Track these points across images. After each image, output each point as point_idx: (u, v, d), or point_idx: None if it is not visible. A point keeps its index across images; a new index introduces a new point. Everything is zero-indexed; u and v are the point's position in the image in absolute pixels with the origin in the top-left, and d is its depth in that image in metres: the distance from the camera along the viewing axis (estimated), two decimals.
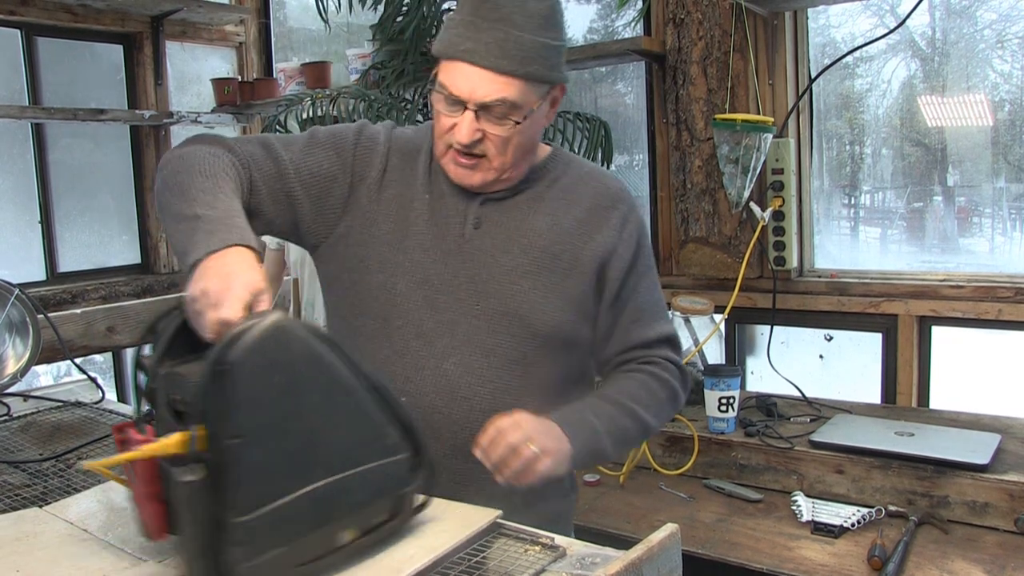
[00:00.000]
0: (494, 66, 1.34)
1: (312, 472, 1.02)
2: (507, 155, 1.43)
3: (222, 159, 1.38)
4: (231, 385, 0.96)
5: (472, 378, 1.46)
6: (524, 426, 1.34)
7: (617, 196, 1.56)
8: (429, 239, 1.48)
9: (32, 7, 3.57)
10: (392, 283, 1.48)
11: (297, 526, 1.00)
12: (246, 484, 0.96)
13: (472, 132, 1.38)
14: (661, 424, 1.58)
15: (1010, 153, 2.64)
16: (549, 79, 1.41)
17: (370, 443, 1.09)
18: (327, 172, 1.50)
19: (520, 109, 1.38)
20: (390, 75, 3.15)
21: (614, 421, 1.45)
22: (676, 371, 1.58)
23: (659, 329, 1.57)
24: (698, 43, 2.83)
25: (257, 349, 0.98)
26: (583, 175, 1.57)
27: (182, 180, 1.32)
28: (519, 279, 1.46)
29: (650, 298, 1.58)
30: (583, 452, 1.41)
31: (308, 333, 1.05)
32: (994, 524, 1.98)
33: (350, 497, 1.06)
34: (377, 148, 1.53)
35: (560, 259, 1.48)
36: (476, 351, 1.46)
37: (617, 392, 1.51)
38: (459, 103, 1.38)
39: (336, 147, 1.52)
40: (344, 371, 1.08)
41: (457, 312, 1.46)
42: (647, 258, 1.58)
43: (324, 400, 1.04)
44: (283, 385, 1.00)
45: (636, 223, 1.56)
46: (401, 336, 1.48)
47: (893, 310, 2.64)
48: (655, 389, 1.53)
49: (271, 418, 0.99)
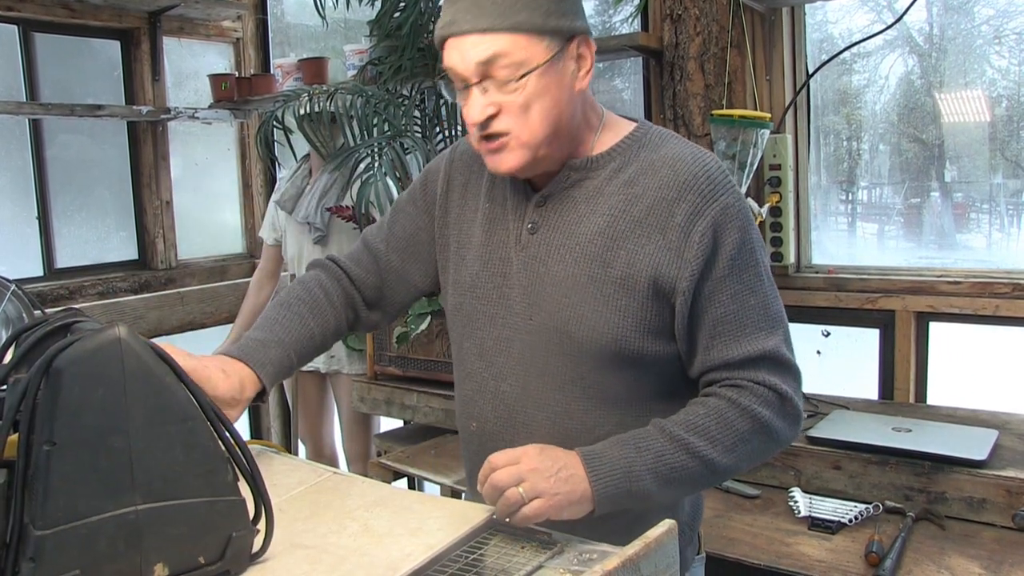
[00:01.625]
0: (473, 27, 1.24)
1: (126, 495, 0.97)
2: (532, 124, 1.27)
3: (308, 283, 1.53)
4: (53, 390, 0.93)
5: (528, 402, 1.36)
6: (522, 464, 1.17)
7: (687, 184, 1.29)
8: (488, 250, 1.41)
9: (29, 3, 3.57)
10: (460, 302, 1.45)
11: (101, 550, 0.95)
12: (53, 496, 0.92)
13: (482, 108, 1.26)
14: (745, 462, 1.29)
15: (1007, 149, 2.64)
16: (550, 28, 1.25)
17: (199, 476, 1.03)
18: (411, 230, 1.55)
19: (523, 65, 1.24)
20: (387, 71, 3.14)
21: (663, 459, 1.22)
22: (771, 396, 1.30)
23: (749, 346, 1.30)
24: (695, 39, 2.83)
25: (86, 358, 0.95)
26: (655, 160, 1.33)
27: (266, 311, 1.51)
28: (569, 291, 1.32)
29: (736, 307, 1.30)
30: (614, 494, 1.21)
31: (149, 353, 1.01)
32: (991, 520, 1.98)
33: (166, 529, 1.00)
34: (439, 177, 1.53)
35: (612, 267, 1.30)
36: (531, 371, 1.36)
37: (676, 423, 1.26)
38: (461, 81, 1.28)
39: (412, 201, 1.56)
40: (182, 398, 1.03)
41: (512, 328, 1.37)
42: (733, 258, 1.29)
43: (152, 423, 0.99)
44: (108, 399, 0.96)
45: (714, 216, 1.28)
46: (468, 356, 1.44)
47: (890, 306, 2.64)
48: (732, 419, 1.26)
49: (90, 431, 0.95)
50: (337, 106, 3.02)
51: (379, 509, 1.26)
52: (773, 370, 1.31)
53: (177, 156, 4.21)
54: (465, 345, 1.45)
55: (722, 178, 1.31)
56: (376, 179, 2.76)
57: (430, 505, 1.28)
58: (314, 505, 1.29)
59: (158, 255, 4.10)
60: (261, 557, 1.10)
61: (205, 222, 4.39)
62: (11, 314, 1.91)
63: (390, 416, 3.09)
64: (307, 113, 3.09)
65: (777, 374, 1.32)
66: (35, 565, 0.91)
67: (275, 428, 4.37)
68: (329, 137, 3.17)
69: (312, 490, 1.35)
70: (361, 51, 3.46)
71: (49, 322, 1.08)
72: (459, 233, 1.47)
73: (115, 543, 0.96)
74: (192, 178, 4.33)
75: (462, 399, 1.48)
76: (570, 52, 1.29)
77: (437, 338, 2.82)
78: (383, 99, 3.02)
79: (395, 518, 1.22)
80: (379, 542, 1.14)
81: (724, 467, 1.26)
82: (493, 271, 1.40)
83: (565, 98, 1.29)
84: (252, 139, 4.26)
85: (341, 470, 1.51)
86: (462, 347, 1.46)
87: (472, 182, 1.48)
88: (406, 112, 3.08)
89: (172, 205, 4.16)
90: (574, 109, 1.32)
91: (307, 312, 1.48)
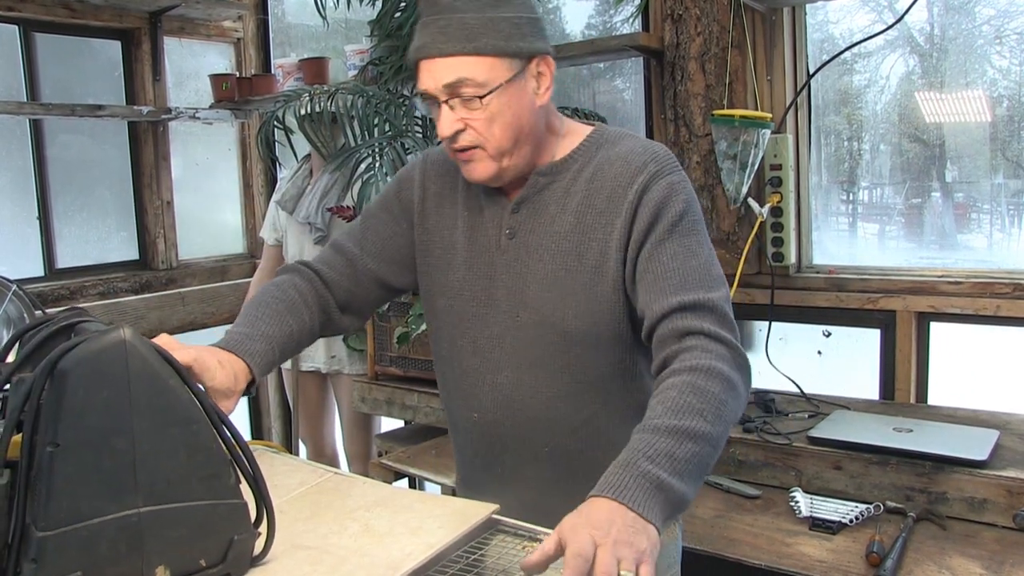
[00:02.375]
0: (440, 51, 1.36)
1: (128, 497, 0.97)
2: (497, 137, 1.40)
3: (282, 285, 1.57)
4: (57, 391, 0.93)
5: (524, 390, 1.48)
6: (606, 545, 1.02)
7: (638, 169, 1.42)
8: (472, 255, 1.52)
9: (30, 3, 3.57)
10: (450, 305, 1.55)
11: (102, 552, 0.95)
12: (56, 497, 0.92)
13: (452, 123, 1.39)
14: (730, 424, 1.27)
15: (1008, 149, 2.64)
16: (511, 50, 1.37)
17: (202, 479, 1.04)
18: (385, 234, 1.62)
19: (485, 85, 1.37)
20: (388, 71, 3.14)
21: (674, 458, 1.15)
22: (720, 348, 1.29)
23: (693, 295, 1.33)
24: (696, 39, 2.83)
25: (91, 359, 0.95)
26: (612, 156, 1.46)
27: (244, 309, 1.55)
28: (550, 287, 1.44)
29: (677, 265, 1.36)
30: (666, 516, 1.14)
31: (154, 355, 1.01)
32: (992, 520, 1.98)
33: (168, 532, 1.00)
34: (413, 186, 1.62)
35: (585, 258, 1.43)
36: (523, 363, 1.47)
37: (661, 415, 1.21)
38: (432, 99, 1.41)
39: (385, 208, 1.64)
40: (186, 400, 1.03)
41: (502, 325, 1.49)
42: (675, 223, 1.38)
43: (155, 425, 1.00)
44: (112, 401, 0.96)
45: (662, 188, 1.40)
46: (463, 354, 1.54)
47: (891, 306, 2.64)
48: (702, 386, 1.23)
49: (93, 432, 0.95)
50: (338, 106, 3.02)
51: (380, 509, 1.26)
52: (718, 322, 1.32)
53: (178, 156, 4.21)
54: (459, 343, 1.54)
55: (669, 161, 1.44)
56: (377, 179, 2.76)
57: (431, 505, 1.28)
58: (315, 505, 1.29)
59: (159, 255, 4.10)
60: (262, 560, 1.10)
61: (206, 222, 4.40)
62: (12, 314, 1.91)
63: (391, 416, 3.09)
64: (308, 113, 3.09)
65: (722, 326, 1.32)
66: (37, 566, 0.91)
67: (276, 428, 4.37)
68: (330, 137, 3.17)
69: (313, 490, 1.35)
70: (362, 51, 3.47)
71: (54, 322, 1.08)
72: (441, 239, 1.57)
73: (117, 545, 0.96)
74: (193, 178, 4.33)
75: (462, 393, 1.57)
76: (530, 71, 1.41)
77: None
78: (384, 99, 3.02)
79: (396, 518, 1.23)
80: (380, 542, 1.14)
81: (719, 436, 1.23)
82: (479, 274, 1.51)
83: (527, 112, 1.42)
84: (253, 139, 4.27)
85: (342, 470, 1.51)
86: (455, 344, 1.55)
87: (447, 191, 1.59)
88: (407, 112, 3.08)
89: (173, 205, 4.16)
90: (536, 121, 1.44)
91: (284, 310, 1.52)
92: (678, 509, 1.17)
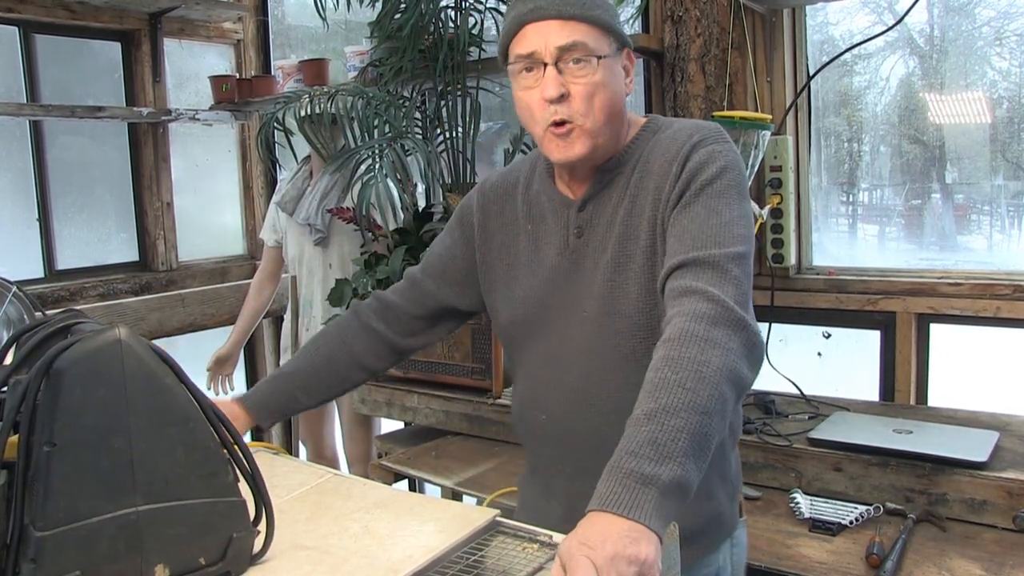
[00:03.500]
0: (559, 13, 1.39)
1: (127, 496, 0.97)
2: (595, 111, 1.41)
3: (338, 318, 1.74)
4: (53, 391, 0.93)
5: (592, 385, 1.48)
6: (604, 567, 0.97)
7: (685, 140, 1.43)
8: (536, 264, 1.55)
9: (30, 4, 3.57)
10: (517, 317, 1.58)
11: (101, 551, 0.95)
12: (53, 497, 0.92)
13: (558, 85, 1.39)
14: (724, 377, 1.15)
15: (1008, 150, 2.64)
16: (616, 29, 1.44)
17: (200, 477, 1.04)
18: (446, 258, 1.69)
19: (594, 52, 1.40)
20: (388, 72, 3.14)
21: (657, 444, 1.07)
22: (705, 308, 1.21)
23: (686, 254, 1.30)
24: (696, 40, 2.83)
25: (87, 359, 0.95)
26: (663, 139, 1.47)
27: None
28: (612, 275, 1.45)
29: (693, 226, 1.33)
30: (665, 511, 1.05)
31: (150, 354, 1.01)
32: (992, 521, 1.98)
33: (167, 530, 1.00)
34: (472, 210, 1.67)
35: (639, 240, 1.43)
36: (592, 356, 1.47)
37: (643, 400, 1.14)
38: (538, 62, 1.41)
39: (449, 234, 1.71)
40: (183, 399, 1.03)
41: (570, 324, 1.50)
42: (703, 185, 1.37)
43: (152, 424, 1.00)
44: (108, 400, 0.97)
45: (701, 155, 1.39)
46: (533, 363, 1.56)
47: (891, 307, 2.64)
48: (676, 357, 1.15)
49: (90, 432, 0.95)
50: (338, 108, 3.02)
51: (380, 511, 1.26)
52: (715, 279, 1.26)
53: (178, 158, 4.21)
54: (527, 351, 1.57)
55: (715, 132, 1.44)
56: (377, 181, 2.76)
57: (431, 507, 1.28)
58: (315, 506, 1.29)
59: (159, 256, 4.10)
60: (262, 558, 1.10)
61: (206, 224, 4.40)
62: (12, 316, 1.91)
63: (391, 418, 3.09)
64: (308, 115, 3.09)
65: (718, 283, 1.26)
66: (36, 566, 0.91)
67: (276, 430, 4.37)
68: (330, 139, 3.17)
69: (313, 491, 1.36)
70: (362, 52, 3.47)
71: (50, 323, 1.08)
72: (505, 256, 1.61)
73: (116, 544, 0.96)
74: (193, 180, 4.33)
75: (528, 397, 1.59)
76: (623, 57, 1.48)
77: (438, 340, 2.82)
78: (384, 101, 3.02)
79: (396, 520, 1.23)
80: (380, 543, 1.14)
81: (708, 398, 1.12)
82: (543, 279, 1.53)
83: (620, 93, 1.46)
84: (253, 141, 4.27)
85: (342, 472, 1.51)
86: (524, 353, 1.58)
87: (507, 209, 1.63)
88: (407, 114, 3.08)
89: (173, 206, 4.16)
90: (623, 106, 1.49)
91: (311, 347, 1.70)
92: (681, 495, 1.06)
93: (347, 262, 3.23)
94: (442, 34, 3.13)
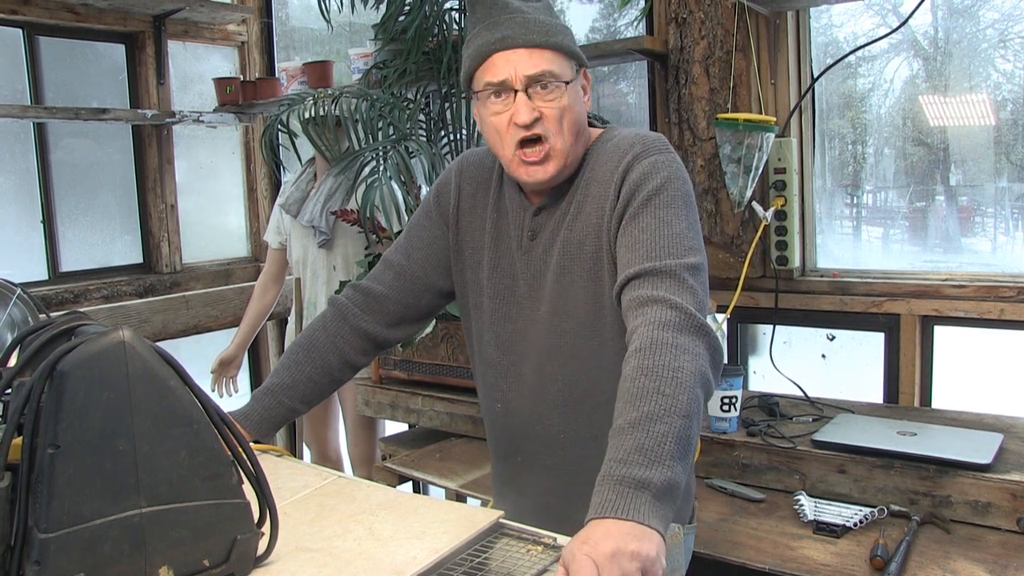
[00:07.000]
0: (527, 43, 1.47)
1: (130, 498, 0.97)
2: (565, 132, 1.49)
3: (323, 319, 1.73)
4: (56, 393, 0.93)
5: (544, 379, 1.58)
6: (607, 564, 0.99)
7: (626, 151, 1.49)
8: (497, 256, 1.63)
9: (34, 6, 3.58)
10: (477, 302, 1.67)
11: (105, 553, 0.95)
12: (57, 499, 0.92)
13: (530, 110, 1.46)
14: (698, 380, 1.21)
15: (1012, 153, 2.64)
16: (575, 54, 1.52)
17: (204, 479, 1.04)
18: (428, 239, 1.72)
19: (560, 77, 1.48)
20: (392, 74, 3.15)
21: (644, 450, 1.11)
22: (668, 316, 1.26)
23: (641, 265, 1.35)
24: (700, 42, 2.83)
25: (91, 361, 0.95)
26: (605, 151, 1.55)
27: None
28: (561, 277, 1.54)
29: (644, 236, 1.38)
30: (661, 511, 1.09)
31: (154, 356, 1.01)
32: (996, 524, 1.98)
33: (171, 532, 1.00)
34: (449, 189, 1.71)
35: (586, 245, 1.52)
36: (543, 353, 1.57)
37: (625, 410, 1.17)
38: (508, 89, 1.48)
39: (426, 215, 1.74)
40: (186, 401, 1.03)
41: (524, 320, 1.60)
42: (649, 196, 1.42)
43: (156, 426, 1.00)
44: (112, 402, 0.97)
45: (644, 166, 1.45)
46: (488, 350, 1.65)
47: (895, 310, 2.64)
48: (651, 364, 1.20)
49: (94, 434, 0.95)
50: (342, 110, 3.03)
51: (384, 513, 1.26)
52: (672, 287, 1.32)
53: (182, 160, 4.22)
54: (485, 338, 1.66)
55: (657, 143, 1.50)
56: (381, 183, 2.76)
57: (435, 509, 1.28)
58: (319, 509, 1.29)
59: (163, 258, 4.11)
60: (266, 560, 1.10)
61: (210, 226, 4.40)
62: (16, 318, 1.91)
63: (395, 420, 3.09)
64: (312, 117, 3.09)
65: (676, 291, 1.31)
66: (39, 568, 0.91)
67: (279, 432, 4.36)
68: (334, 141, 3.17)
69: (317, 494, 1.36)
70: (366, 55, 3.47)
71: (53, 325, 1.08)
72: (472, 239, 1.68)
73: (119, 546, 0.96)
74: (197, 182, 4.34)
75: (486, 385, 1.69)
76: (581, 77, 1.56)
77: (442, 342, 2.82)
78: (388, 103, 3.02)
79: (400, 522, 1.23)
80: (384, 546, 1.15)
81: (687, 402, 1.17)
82: (503, 273, 1.62)
83: (582, 113, 1.54)
84: (257, 143, 4.27)
85: (346, 474, 1.51)
86: (482, 339, 1.67)
87: (479, 193, 1.69)
88: (411, 116, 3.08)
89: (177, 209, 4.16)
90: (586, 123, 1.57)
91: (303, 355, 1.69)
92: (671, 496, 1.11)
93: (351, 264, 3.23)
94: (446, 36, 3.13)
